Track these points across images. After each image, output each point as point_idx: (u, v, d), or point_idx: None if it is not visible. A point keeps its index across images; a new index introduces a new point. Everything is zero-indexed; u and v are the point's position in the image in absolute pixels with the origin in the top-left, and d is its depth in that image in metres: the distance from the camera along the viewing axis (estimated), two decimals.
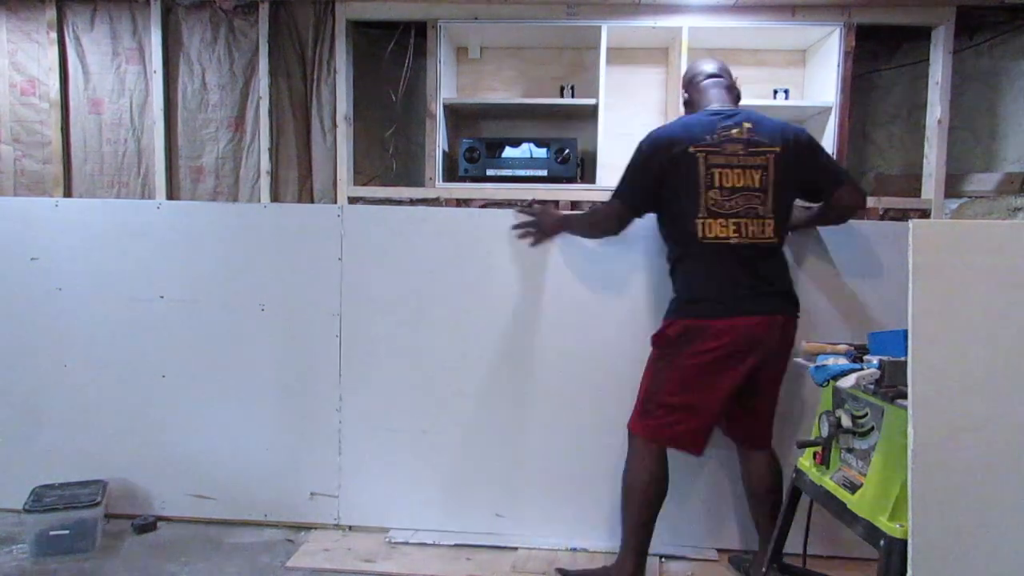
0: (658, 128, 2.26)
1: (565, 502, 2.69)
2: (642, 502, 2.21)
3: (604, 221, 2.34)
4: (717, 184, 2.11)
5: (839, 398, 1.84)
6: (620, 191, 2.25)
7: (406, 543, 2.65)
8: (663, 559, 2.58)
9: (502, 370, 2.69)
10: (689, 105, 2.36)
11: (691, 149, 2.12)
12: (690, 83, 2.35)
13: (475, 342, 2.70)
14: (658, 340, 2.27)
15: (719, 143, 2.12)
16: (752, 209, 2.11)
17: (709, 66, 2.33)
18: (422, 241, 2.72)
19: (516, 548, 2.60)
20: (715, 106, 2.23)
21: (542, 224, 2.51)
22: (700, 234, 2.12)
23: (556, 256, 2.67)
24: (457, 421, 2.72)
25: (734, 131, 2.12)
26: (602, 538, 2.65)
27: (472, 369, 2.71)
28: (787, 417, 2.56)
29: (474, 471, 2.72)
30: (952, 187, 2.86)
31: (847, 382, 1.68)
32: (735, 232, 2.11)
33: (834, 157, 2.79)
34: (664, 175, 2.16)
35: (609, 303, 2.66)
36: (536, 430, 2.69)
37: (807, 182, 2.21)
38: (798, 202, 2.29)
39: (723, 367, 2.11)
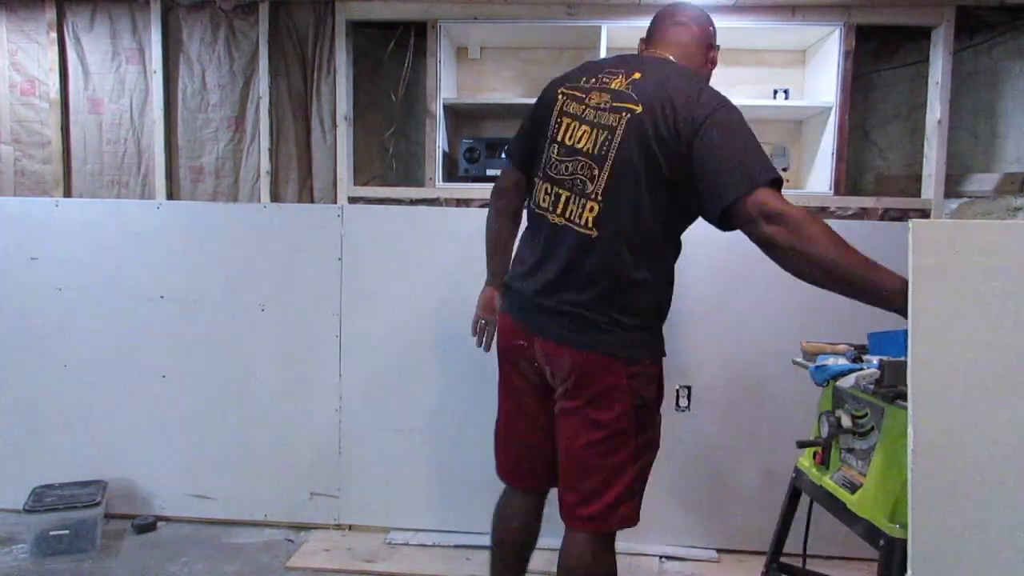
0: None
1: None
2: None
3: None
4: (559, 138, 1.64)
5: (839, 398, 1.84)
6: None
7: (406, 544, 2.65)
8: (663, 559, 2.58)
9: None
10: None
11: (560, 88, 1.70)
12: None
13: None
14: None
15: (589, 89, 1.63)
16: (578, 182, 1.59)
17: (674, 8, 1.79)
18: (422, 241, 2.72)
19: None
20: (644, 52, 1.75)
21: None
22: (534, 199, 1.70)
23: None
24: (458, 421, 2.72)
25: (615, 81, 1.60)
26: None
27: (473, 369, 2.71)
28: (787, 417, 2.56)
29: (475, 471, 2.71)
30: (952, 187, 2.85)
31: (847, 382, 1.68)
32: (552, 207, 1.63)
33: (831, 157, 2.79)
34: (534, 117, 1.75)
35: None
36: None
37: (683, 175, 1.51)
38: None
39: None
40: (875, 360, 1.65)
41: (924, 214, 2.80)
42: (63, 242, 2.82)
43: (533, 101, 3.05)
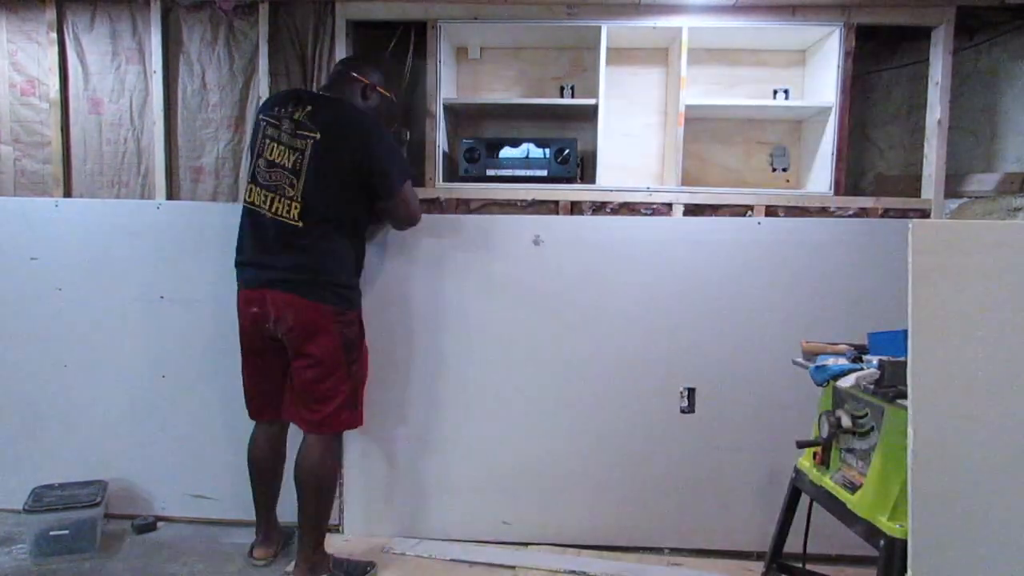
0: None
1: (571, 509, 2.68)
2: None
3: None
4: (265, 155, 2.32)
5: (839, 398, 1.84)
6: None
7: (403, 554, 2.61)
8: (669, 558, 2.58)
9: (505, 374, 2.69)
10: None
11: (260, 116, 2.39)
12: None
13: (478, 345, 2.70)
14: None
15: (279, 118, 2.32)
16: (282, 188, 2.28)
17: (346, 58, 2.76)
18: (424, 243, 2.72)
19: (514, 567, 2.51)
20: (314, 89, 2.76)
21: None
22: (246, 196, 2.38)
23: (557, 261, 2.67)
24: (458, 425, 2.72)
25: (296, 113, 2.29)
26: (609, 541, 2.65)
27: (474, 373, 2.71)
28: (787, 417, 2.56)
29: (478, 475, 2.72)
30: (952, 187, 2.86)
31: (847, 382, 1.68)
32: (266, 204, 2.31)
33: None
34: (254, 135, 2.45)
35: (612, 307, 2.66)
36: (541, 437, 2.69)
37: (358, 176, 2.30)
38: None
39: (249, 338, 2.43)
40: (875, 360, 1.65)
41: (924, 214, 2.80)
42: (63, 242, 2.82)
43: (533, 101, 3.07)
